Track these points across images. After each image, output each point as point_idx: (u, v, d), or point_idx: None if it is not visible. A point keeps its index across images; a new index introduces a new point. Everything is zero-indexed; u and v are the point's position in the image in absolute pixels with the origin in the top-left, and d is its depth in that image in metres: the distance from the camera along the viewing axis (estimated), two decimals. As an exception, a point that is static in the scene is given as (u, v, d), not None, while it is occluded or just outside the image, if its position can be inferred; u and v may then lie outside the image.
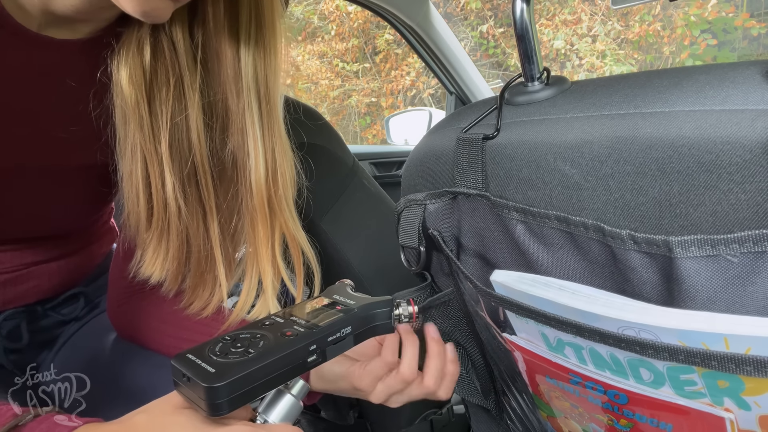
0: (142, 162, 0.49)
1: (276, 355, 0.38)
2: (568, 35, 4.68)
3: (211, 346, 0.39)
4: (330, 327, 0.41)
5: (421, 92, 5.32)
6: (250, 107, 0.49)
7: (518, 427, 0.61)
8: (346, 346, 0.43)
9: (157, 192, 0.50)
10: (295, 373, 0.40)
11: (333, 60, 5.62)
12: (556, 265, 0.44)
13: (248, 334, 0.40)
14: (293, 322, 0.42)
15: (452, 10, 5.03)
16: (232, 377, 0.35)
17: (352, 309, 0.44)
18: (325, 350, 0.41)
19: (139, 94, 0.46)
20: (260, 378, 0.37)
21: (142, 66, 0.46)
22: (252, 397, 0.37)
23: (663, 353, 0.35)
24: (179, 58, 0.47)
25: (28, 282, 0.61)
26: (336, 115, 5.73)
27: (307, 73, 5.71)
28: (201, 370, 0.36)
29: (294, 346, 0.39)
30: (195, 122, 0.48)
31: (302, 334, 0.40)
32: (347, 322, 0.43)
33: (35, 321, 0.65)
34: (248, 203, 0.51)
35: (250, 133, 0.50)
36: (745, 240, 0.33)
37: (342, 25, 5.46)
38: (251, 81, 0.49)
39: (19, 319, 0.64)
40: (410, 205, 0.55)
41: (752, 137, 0.32)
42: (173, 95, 0.47)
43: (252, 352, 0.38)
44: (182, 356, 0.38)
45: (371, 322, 0.45)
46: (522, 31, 0.46)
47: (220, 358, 0.37)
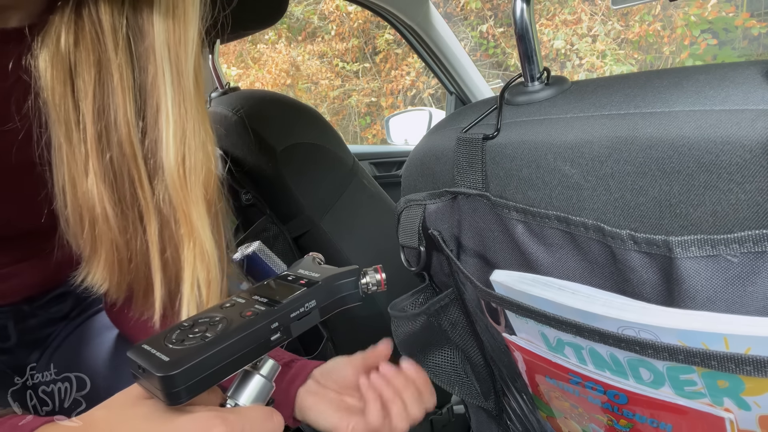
0: (68, 163, 0.45)
1: (234, 336, 0.36)
2: (568, 35, 4.69)
3: (168, 334, 0.37)
4: (292, 303, 0.40)
5: (421, 92, 5.32)
6: (163, 78, 0.45)
7: (518, 427, 0.61)
8: (312, 321, 0.41)
9: (83, 195, 0.46)
10: (258, 354, 0.38)
11: (333, 60, 5.63)
12: (556, 265, 0.44)
13: (207, 318, 0.39)
14: (255, 302, 0.41)
15: (452, 10, 5.03)
16: (187, 364, 0.34)
17: (317, 282, 0.42)
18: (289, 327, 0.40)
19: (63, 85, 0.43)
20: (219, 362, 0.36)
21: (62, 51, 0.43)
22: (213, 381, 0.36)
23: (663, 353, 0.35)
24: (104, 38, 0.43)
25: (10, 280, 0.60)
26: (336, 115, 5.74)
27: (307, 73, 5.71)
28: (155, 359, 0.35)
29: (254, 326, 0.38)
30: (123, 110, 0.44)
31: (263, 312, 0.39)
32: (311, 296, 0.41)
33: (23, 320, 0.65)
34: (172, 196, 0.47)
35: (162, 110, 0.45)
36: (745, 240, 0.33)
37: (342, 25, 5.47)
38: (163, 49, 0.45)
39: (6, 318, 0.63)
40: (410, 205, 0.55)
41: (752, 137, 0.32)
42: (95, 81, 0.44)
43: (209, 336, 0.36)
44: (138, 347, 0.37)
45: (337, 294, 0.44)
46: (522, 31, 0.46)
47: (176, 345, 0.36)
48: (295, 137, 0.90)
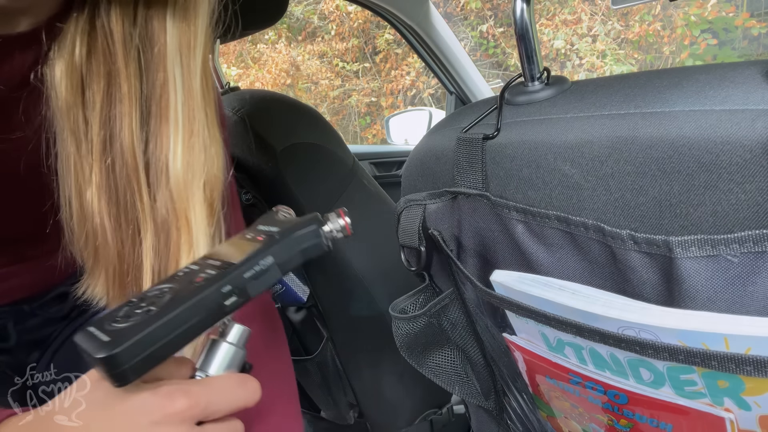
0: (74, 173, 0.45)
1: (181, 306, 0.34)
2: (568, 35, 4.68)
3: (115, 312, 0.35)
4: (245, 262, 0.37)
5: (421, 92, 5.32)
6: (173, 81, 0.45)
7: (518, 427, 0.61)
8: (272, 279, 0.39)
9: (87, 206, 0.45)
10: (214, 321, 0.36)
11: (333, 60, 5.63)
12: (556, 265, 0.44)
13: (157, 290, 0.36)
14: (208, 266, 0.38)
15: (452, 10, 5.03)
16: (127, 342, 0.32)
17: (273, 237, 0.40)
18: (245, 288, 0.37)
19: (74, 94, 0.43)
20: (166, 334, 0.33)
21: (76, 62, 0.43)
22: (164, 355, 0.34)
23: (663, 353, 0.35)
24: (115, 48, 0.43)
25: (10, 280, 0.60)
26: (336, 115, 5.73)
27: (307, 73, 5.71)
28: (96, 341, 0.33)
29: (202, 292, 0.35)
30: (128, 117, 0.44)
31: (213, 276, 0.36)
32: (266, 253, 0.38)
33: (23, 320, 0.65)
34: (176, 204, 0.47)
35: (171, 115, 0.45)
36: (745, 240, 0.33)
37: (342, 25, 5.46)
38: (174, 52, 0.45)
39: (6, 318, 0.63)
40: (410, 205, 0.55)
41: (752, 137, 0.32)
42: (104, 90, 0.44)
43: (153, 309, 0.34)
44: (84, 331, 0.35)
45: (297, 247, 0.40)
46: (522, 31, 0.46)
47: (120, 323, 0.33)
48: (295, 137, 0.90)
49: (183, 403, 0.34)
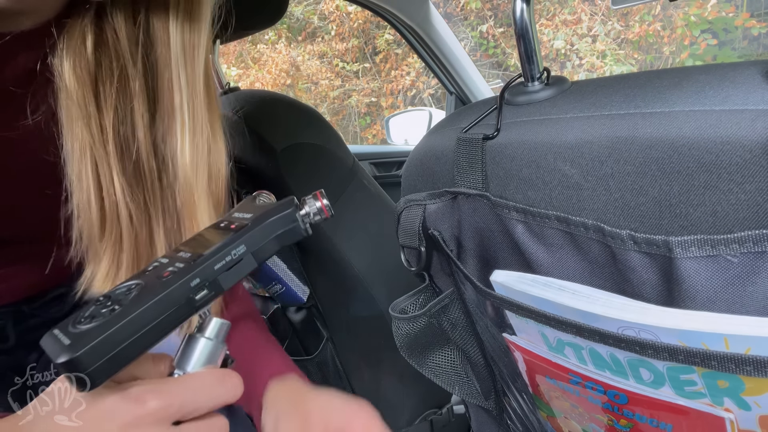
0: (92, 163, 0.45)
1: (146, 303, 0.32)
2: (568, 35, 4.69)
3: (81, 313, 0.33)
4: (215, 252, 0.35)
5: (421, 92, 5.32)
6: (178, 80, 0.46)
7: (518, 427, 0.61)
8: (246, 269, 0.36)
9: (109, 196, 0.46)
10: (184, 316, 0.34)
11: (333, 60, 5.63)
12: (556, 265, 0.44)
13: (124, 287, 0.34)
14: (177, 259, 0.36)
15: (452, 10, 5.03)
16: (88, 344, 0.30)
17: (245, 224, 0.37)
18: (216, 280, 0.35)
19: (85, 89, 0.44)
20: (132, 334, 0.31)
21: (86, 57, 0.44)
22: (132, 356, 0.32)
23: (663, 353, 0.35)
24: (122, 46, 0.45)
25: (9, 281, 0.60)
26: (336, 115, 5.74)
27: (307, 73, 5.71)
28: (58, 344, 0.31)
29: (169, 287, 0.33)
30: (140, 115, 0.46)
31: (181, 270, 0.34)
32: (237, 242, 0.36)
33: (22, 321, 0.65)
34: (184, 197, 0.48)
35: (177, 113, 0.46)
36: (745, 240, 0.33)
37: (342, 25, 5.47)
38: (179, 52, 0.46)
39: (5, 319, 0.63)
40: (410, 205, 0.55)
41: (752, 137, 0.32)
42: (117, 87, 0.45)
43: (117, 309, 0.32)
44: (49, 333, 0.33)
45: (272, 233, 0.38)
46: (522, 31, 0.46)
47: (84, 324, 0.32)
48: (295, 137, 0.90)
49: (155, 404, 0.33)
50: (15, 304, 0.63)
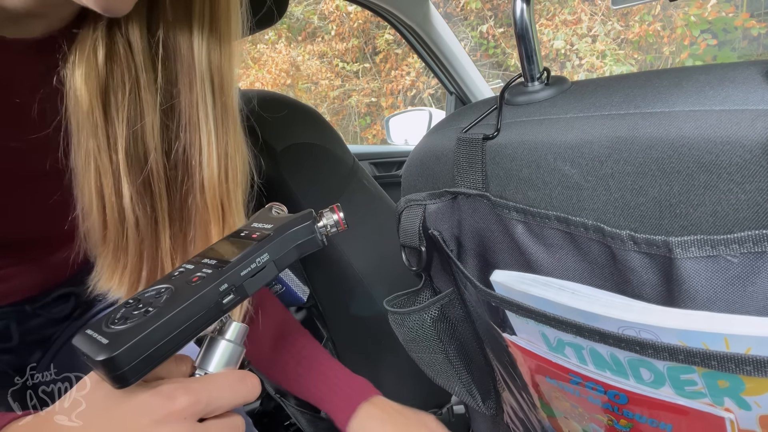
0: (95, 172, 0.46)
1: (179, 306, 0.34)
2: (568, 35, 4.69)
3: (112, 314, 0.35)
4: (241, 260, 0.38)
5: (421, 92, 5.32)
6: (204, 99, 0.47)
7: (518, 427, 0.61)
8: (268, 275, 0.39)
9: (111, 204, 0.47)
10: (212, 319, 0.36)
11: (333, 60, 5.63)
12: (556, 265, 0.44)
13: (153, 290, 0.37)
14: (204, 265, 0.38)
15: (452, 10, 5.03)
16: (126, 344, 0.32)
17: (268, 234, 0.40)
18: (242, 286, 0.37)
19: (93, 100, 0.44)
20: (165, 335, 0.34)
21: (97, 69, 0.44)
22: (164, 356, 0.34)
23: (663, 353, 0.35)
24: (135, 58, 0.45)
25: (11, 281, 0.60)
26: (336, 115, 5.74)
27: (307, 73, 5.71)
28: (95, 344, 0.33)
29: (199, 291, 0.35)
30: (151, 126, 0.46)
31: (210, 275, 0.37)
32: (262, 251, 0.39)
33: (25, 321, 0.65)
34: (199, 205, 0.49)
35: (203, 128, 0.47)
36: (745, 240, 0.33)
37: (342, 25, 5.47)
38: (205, 71, 0.47)
39: (8, 319, 0.63)
40: (410, 205, 0.55)
41: (752, 137, 0.32)
42: (129, 99, 0.45)
43: (151, 311, 0.34)
44: (82, 333, 0.35)
45: (292, 243, 0.41)
46: (522, 31, 0.46)
47: (118, 325, 0.34)
48: (295, 137, 0.90)
49: (184, 401, 0.34)
50: (18, 303, 0.63)
